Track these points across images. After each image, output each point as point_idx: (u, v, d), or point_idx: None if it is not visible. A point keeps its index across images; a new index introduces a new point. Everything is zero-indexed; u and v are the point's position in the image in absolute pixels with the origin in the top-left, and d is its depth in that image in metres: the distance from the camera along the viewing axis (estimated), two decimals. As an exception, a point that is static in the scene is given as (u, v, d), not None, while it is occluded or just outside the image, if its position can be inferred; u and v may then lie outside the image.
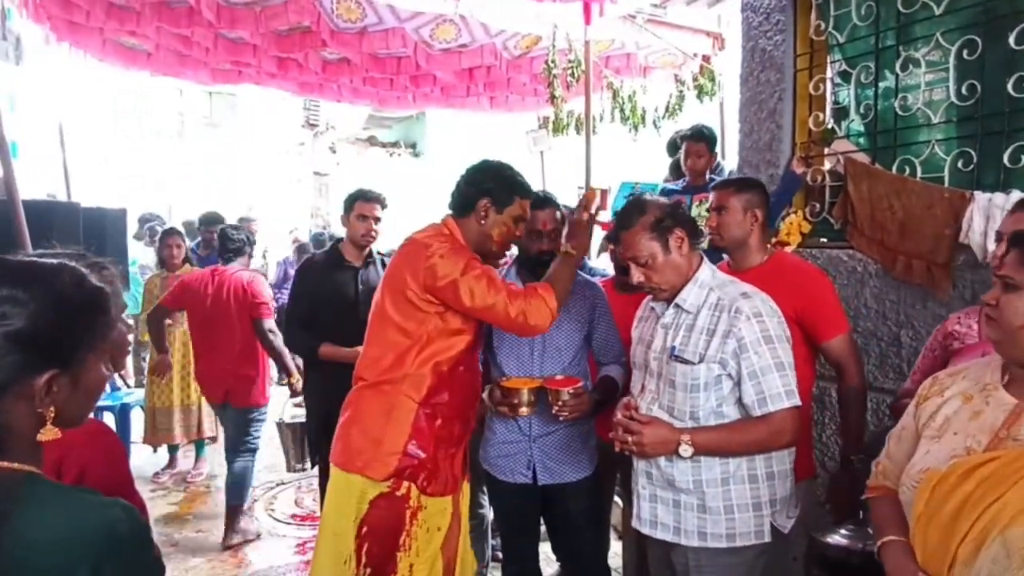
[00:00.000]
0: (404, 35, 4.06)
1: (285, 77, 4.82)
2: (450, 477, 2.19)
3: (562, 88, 4.25)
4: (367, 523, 2.07)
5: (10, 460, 0.93)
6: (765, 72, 3.10)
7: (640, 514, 1.93)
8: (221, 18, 3.79)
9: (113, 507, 0.96)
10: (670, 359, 1.83)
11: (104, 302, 1.04)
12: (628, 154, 5.49)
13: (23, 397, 0.95)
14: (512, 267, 2.47)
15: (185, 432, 4.91)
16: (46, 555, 0.89)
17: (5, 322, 0.92)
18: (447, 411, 2.13)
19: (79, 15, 3.99)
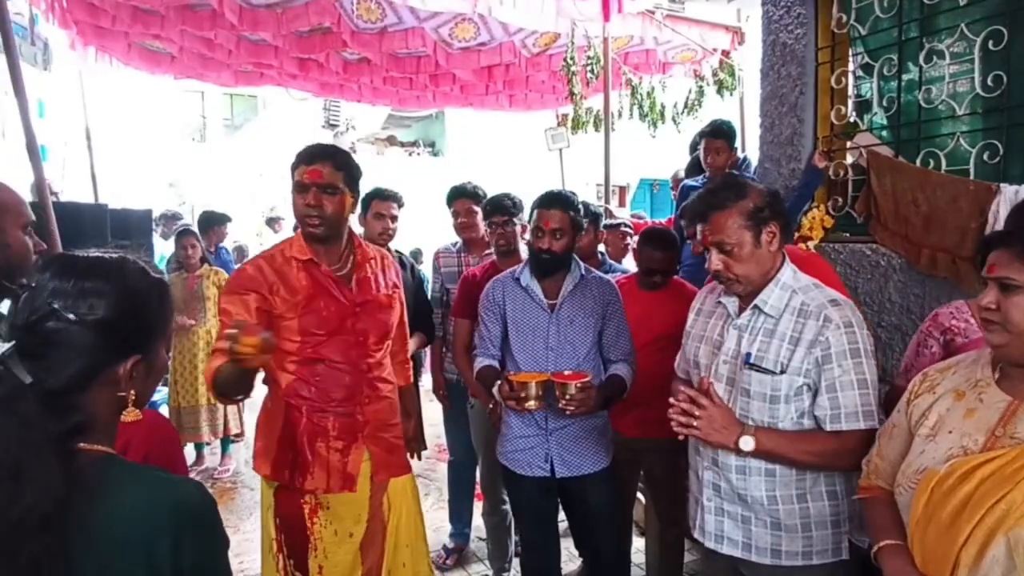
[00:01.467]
0: (423, 34, 4.09)
1: (306, 78, 4.87)
2: (338, 473, 2.12)
3: (581, 85, 4.25)
4: (278, 514, 2.14)
5: (92, 442, 0.99)
6: (786, 66, 3.07)
7: (705, 527, 1.82)
8: (243, 20, 3.84)
9: (186, 483, 1.04)
10: (745, 366, 1.69)
11: (165, 291, 1.11)
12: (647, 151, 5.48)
13: (108, 383, 1.01)
14: (526, 266, 2.45)
15: (212, 430, 4.98)
16: (132, 528, 0.95)
17: (92, 313, 0.98)
18: (315, 405, 2.11)
19: (104, 19, 4.06)
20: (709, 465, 1.79)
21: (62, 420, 0.96)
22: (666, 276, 2.81)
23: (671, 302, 2.60)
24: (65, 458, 0.94)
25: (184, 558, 0.97)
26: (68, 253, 1.07)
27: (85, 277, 1.00)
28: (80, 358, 0.99)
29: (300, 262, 2.11)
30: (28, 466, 0.92)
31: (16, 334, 0.99)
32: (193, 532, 0.98)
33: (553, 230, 2.33)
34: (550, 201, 2.36)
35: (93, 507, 0.94)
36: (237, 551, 3.87)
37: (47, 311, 0.97)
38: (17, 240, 1.54)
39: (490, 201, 3.20)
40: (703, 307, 1.95)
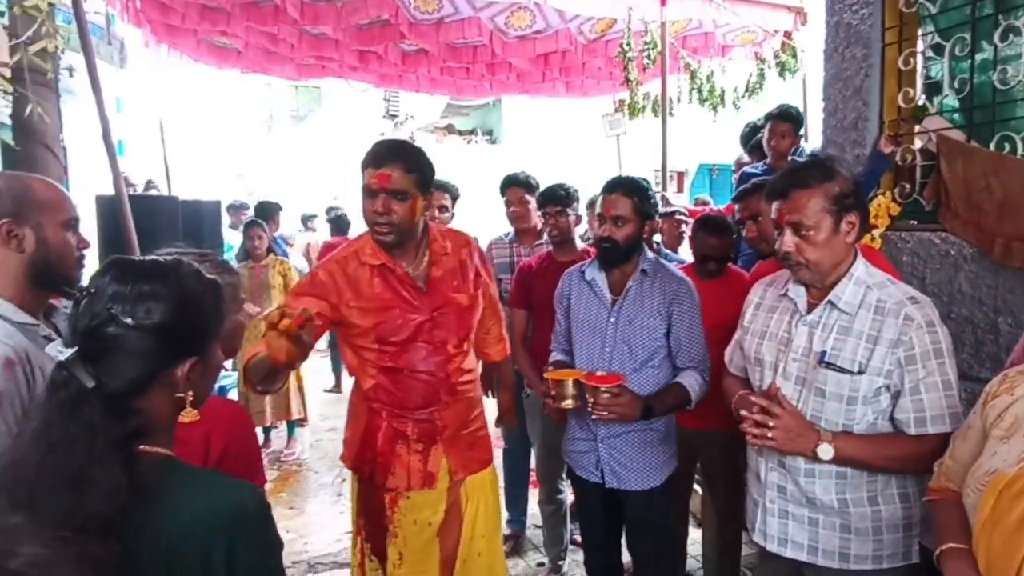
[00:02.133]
0: (480, 24, 4.10)
1: (366, 69, 4.96)
2: (418, 473, 2.12)
3: (637, 71, 4.19)
4: (361, 502, 2.19)
5: (152, 445, 1.01)
6: (851, 47, 2.95)
7: (767, 530, 1.75)
8: (305, 15, 3.94)
9: (242, 488, 1.05)
10: (819, 365, 1.62)
11: (219, 292, 1.12)
12: (707, 135, 5.37)
13: (166, 385, 1.03)
14: (595, 262, 2.34)
15: (275, 413, 5.18)
16: (189, 531, 0.97)
17: (150, 317, 0.99)
18: (394, 411, 2.10)
19: (175, 18, 4.24)
20: (775, 467, 1.72)
21: (123, 423, 0.97)
22: (721, 263, 2.75)
23: (728, 292, 2.48)
24: (127, 461, 0.96)
25: (239, 561, 0.98)
26: (126, 257, 1.08)
27: (142, 282, 1.01)
28: (139, 362, 1.00)
29: (373, 267, 2.03)
30: (91, 470, 0.92)
31: (78, 339, 1.00)
32: (248, 536, 1.00)
33: (615, 217, 2.20)
34: (613, 186, 2.25)
35: (152, 510, 0.96)
36: (302, 532, 4.03)
37: (106, 316, 0.99)
38: (58, 237, 1.52)
39: (544, 191, 3.20)
40: (763, 301, 1.86)
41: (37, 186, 1.53)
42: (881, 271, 1.69)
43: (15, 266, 1.47)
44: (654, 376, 2.21)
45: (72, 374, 0.95)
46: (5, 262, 1.47)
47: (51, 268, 1.50)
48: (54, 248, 1.50)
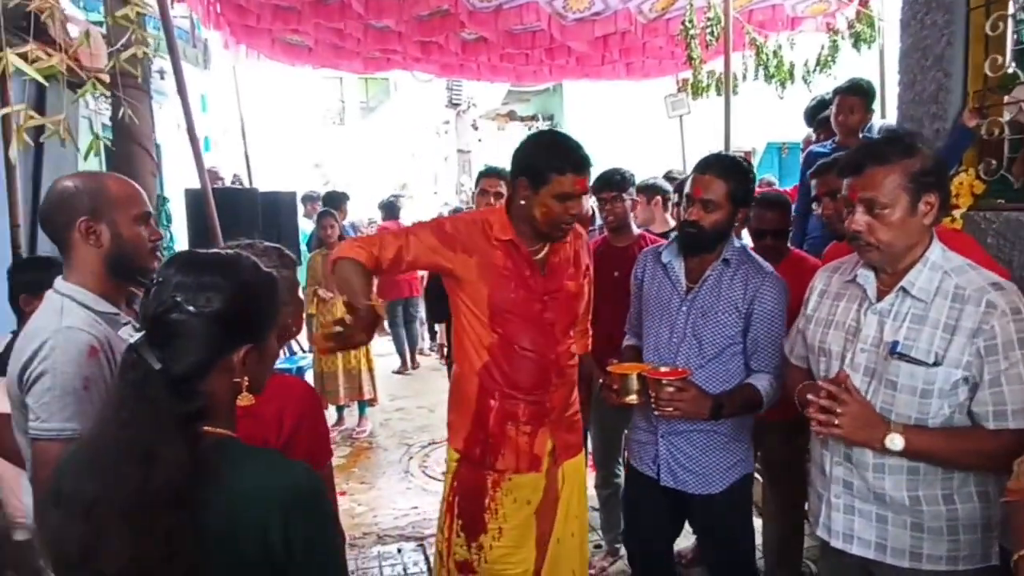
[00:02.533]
0: (538, 9, 4.12)
1: (428, 60, 5.07)
2: (526, 455, 2.15)
3: (700, 48, 4.11)
4: (456, 479, 2.21)
5: (214, 426, 1.09)
6: (931, 13, 2.79)
7: (831, 525, 1.68)
8: (369, 9, 4.07)
9: (297, 467, 1.11)
10: (890, 356, 1.53)
11: (275, 285, 1.19)
12: (775, 113, 5.21)
13: (225, 370, 1.09)
14: (674, 240, 2.21)
15: (348, 393, 5.42)
16: (250, 506, 1.03)
17: (210, 305, 1.07)
18: (505, 391, 2.12)
19: (251, 19, 4.46)
20: (840, 460, 1.64)
21: (186, 403, 1.04)
22: (778, 238, 2.65)
23: (789, 277, 2.26)
24: (191, 440, 1.03)
25: (295, 535, 1.04)
26: (190, 250, 1.17)
27: (204, 273, 1.09)
28: (199, 347, 1.06)
29: (501, 241, 2.07)
30: (160, 446, 0.99)
31: (146, 324, 1.08)
32: (302, 513, 1.05)
33: (704, 200, 2.01)
34: (706, 164, 2.05)
35: (216, 486, 1.02)
36: (372, 505, 4.22)
37: (171, 304, 1.06)
38: (131, 232, 1.61)
39: (599, 177, 3.18)
40: (828, 288, 1.77)
41: (111, 184, 1.63)
42: (960, 256, 1.58)
43: (95, 260, 1.58)
44: (721, 373, 2.08)
45: (141, 356, 1.04)
46: (86, 257, 1.58)
47: (126, 260, 1.60)
48: (128, 242, 1.60)
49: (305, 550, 1.05)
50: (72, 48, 2.61)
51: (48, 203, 1.62)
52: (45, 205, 1.63)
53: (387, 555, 3.59)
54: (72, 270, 1.60)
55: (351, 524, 3.93)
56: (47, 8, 2.39)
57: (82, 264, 1.59)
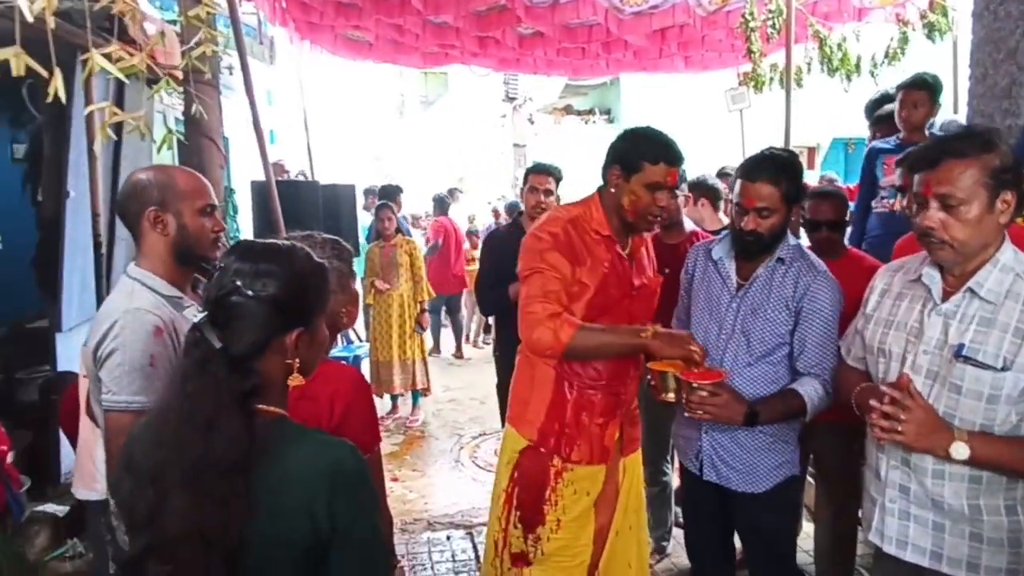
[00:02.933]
0: (595, 3, 4.11)
1: (485, 55, 5.12)
2: (598, 446, 2.17)
3: (761, 41, 4.02)
4: (517, 470, 2.22)
5: (268, 404, 1.17)
6: (1005, 4, 2.67)
7: (884, 530, 1.64)
8: (427, 5, 4.14)
9: (343, 447, 1.17)
10: (955, 359, 1.48)
11: (325, 274, 1.27)
12: (841, 107, 5.04)
13: (278, 351, 1.17)
14: (725, 237, 2.18)
15: (403, 383, 5.56)
16: (300, 482, 1.10)
17: (266, 290, 1.15)
18: (585, 381, 2.14)
19: (315, 16, 4.60)
20: (898, 464, 1.60)
21: (243, 380, 1.11)
22: (834, 229, 2.58)
23: (846, 276, 2.18)
24: (247, 414, 1.10)
25: (339, 511, 1.10)
26: (250, 240, 1.26)
27: (261, 260, 1.17)
28: (256, 328, 1.14)
29: (602, 236, 2.09)
30: (219, 418, 1.07)
31: (208, 306, 1.16)
32: (347, 489, 1.12)
33: (758, 209, 1.95)
34: (754, 170, 1.98)
35: (267, 460, 1.10)
36: (423, 493, 4.33)
37: (231, 288, 1.14)
38: (194, 222, 1.72)
39: None
40: (890, 287, 1.72)
41: (179, 177, 1.74)
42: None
43: (162, 247, 1.70)
44: (770, 374, 2.03)
45: (203, 335, 1.12)
46: (155, 244, 1.71)
47: (190, 248, 1.72)
48: (192, 231, 1.71)
49: (348, 526, 1.11)
50: (149, 47, 2.76)
51: (123, 194, 1.74)
52: (121, 195, 1.76)
53: (436, 541, 3.69)
54: (142, 256, 1.72)
55: (402, 510, 4.05)
56: (129, 10, 2.53)
57: (151, 251, 1.71)
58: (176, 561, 1.06)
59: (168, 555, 1.06)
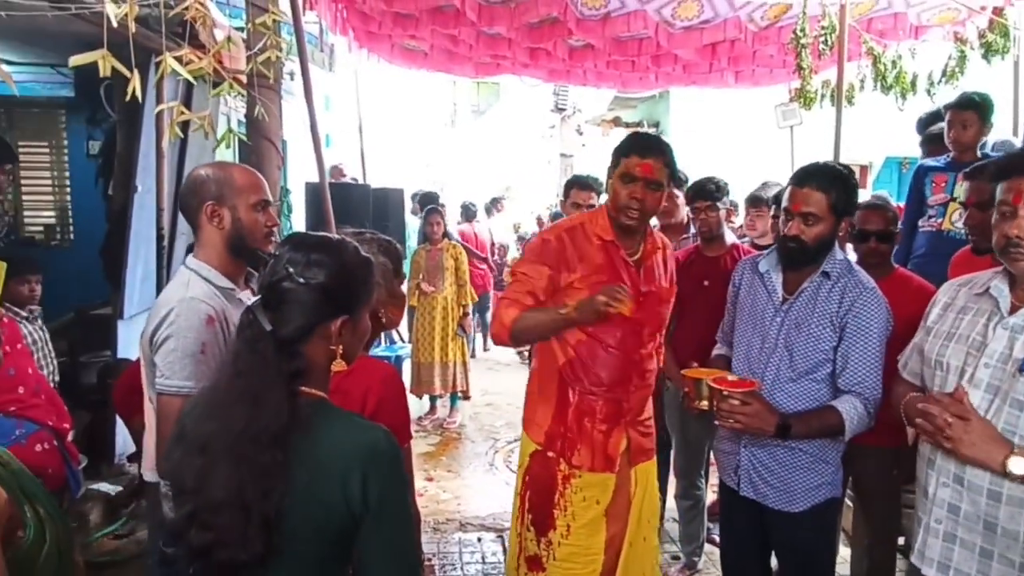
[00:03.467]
0: (645, 17, 4.15)
1: (536, 66, 5.20)
2: (600, 453, 2.19)
3: (811, 58, 3.99)
4: (528, 473, 2.28)
5: (311, 387, 1.24)
6: (1066, 24, 2.63)
7: (926, 551, 1.57)
8: (482, 17, 4.24)
9: (378, 430, 1.23)
10: (1020, 373, 1.45)
11: (372, 268, 1.35)
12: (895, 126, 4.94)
13: (323, 337, 1.24)
14: (773, 250, 2.16)
15: (443, 385, 5.66)
16: (335, 460, 1.17)
17: (315, 278, 1.23)
18: (586, 386, 2.17)
19: (374, 25, 4.75)
20: (949, 481, 1.53)
21: (289, 362, 1.19)
22: (881, 241, 2.54)
23: (894, 295, 2.11)
24: (290, 393, 1.17)
25: (371, 488, 1.16)
26: (303, 232, 1.34)
27: (313, 250, 1.24)
28: (304, 313, 1.21)
29: (602, 241, 2.17)
30: (265, 394, 1.15)
31: (261, 291, 1.25)
32: (379, 470, 1.18)
33: (804, 214, 1.94)
34: (805, 176, 1.98)
35: (307, 437, 1.17)
36: (457, 494, 4.39)
37: (284, 274, 1.21)
38: (248, 216, 1.79)
39: (693, 186, 3.19)
40: (953, 301, 1.68)
41: (236, 173, 1.82)
42: None
43: (218, 240, 1.79)
44: (812, 391, 1.99)
45: (255, 317, 1.21)
46: (211, 236, 1.79)
47: (244, 241, 1.79)
48: (246, 226, 1.79)
49: (380, 504, 1.17)
50: (215, 50, 2.92)
51: (185, 188, 1.83)
52: (183, 190, 1.84)
53: (467, 543, 3.74)
54: (200, 248, 1.81)
55: (436, 509, 4.12)
56: (200, 16, 2.69)
57: (207, 243, 1.79)
58: (217, 528, 1.12)
59: (210, 522, 1.12)
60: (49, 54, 4.35)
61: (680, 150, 5.06)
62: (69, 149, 5.48)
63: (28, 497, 1.06)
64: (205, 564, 1.14)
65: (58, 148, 5.51)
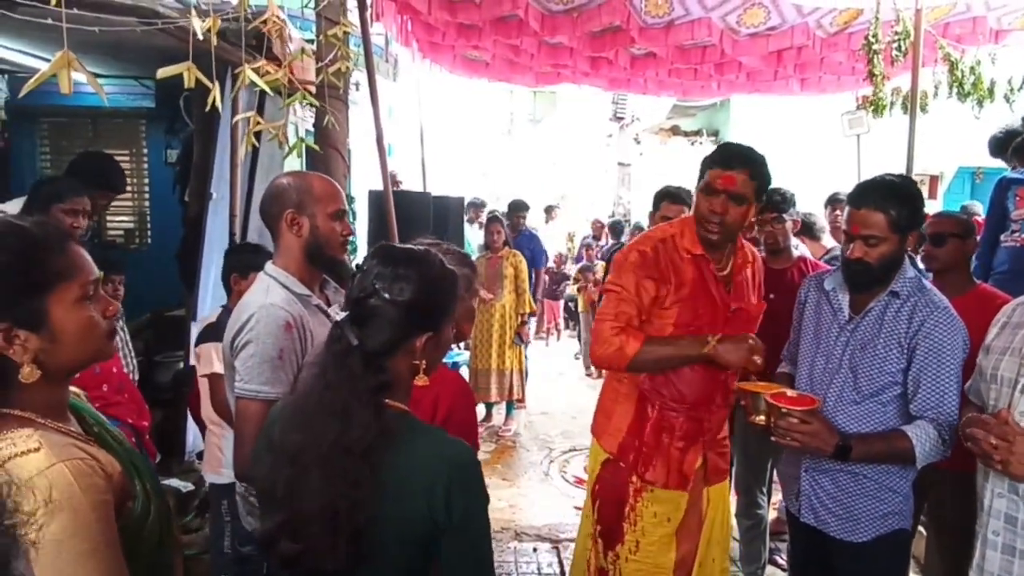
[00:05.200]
0: (710, 24, 4.10)
1: (597, 75, 5.20)
2: (675, 471, 2.15)
3: (883, 64, 3.87)
4: (599, 482, 2.26)
5: (395, 400, 1.26)
6: None
7: (985, 565, 1.56)
8: (544, 26, 4.27)
9: (460, 443, 1.26)
10: None
11: (456, 281, 1.36)
12: (970, 134, 4.74)
13: (408, 352, 1.27)
14: (838, 272, 2.09)
15: (499, 392, 5.69)
16: (420, 472, 1.19)
17: (401, 295, 1.24)
18: (667, 402, 2.14)
19: (437, 36, 4.84)
20: (1005, 492, 1.54)
21: (376, 377, 1.21)
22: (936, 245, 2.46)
23: (975, 313, 2.02)
24: (377, 407, 1.21)
25: (455, 501, 1.18)
26: (390, 244, 1.34)
27: (400, 266, 1.25)
28: (390, 330, 1.23)
29: (691, 255, 2.13)
30: (353, 407, 1.18)
31: (349, 306, 1.26)
32: (462, 481, 1.20)
33: (864, 237, 1.88)
34: (861, 196, 1.90)
35: (393, 450, 1.19)
36: (512, 502, 4.39)
37: (372, 290, 1.23)
38: (326, 225, 1.82)
39: None
40: (1011, 319, 1.68)
41: (315, 183, 1.86)
42: None
43: (296, 247, 1.82)
44: (877, 414, 1.92)
45: (344, 332, 1.23)
46: (290, 244, 1.83)
47: (320, 249, 1.83)
48: (323, 234, 1.82)
49: (463, 516, 1.19)
50: (289, 61, 3.03)
51: (266, 197, 1.87)
52: (264, 198, 1.88)
53: (523, 552, 3.74)
54: (279, 255, 1.85)
55: (491, 518, 4.13)
56: (278, 29, 2.80)
57: (286, 250, 1.83)
58: (306, 538, 1.15)
59: (301, 532, 1.16)
60: (132, 67, 4.59)
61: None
62: (149, 157, 5.75)
63: (137, 473, 1.13)
64: (293, 571, 1.18)
65: (138, 156, 5.80)
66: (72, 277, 1.06)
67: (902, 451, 1.80)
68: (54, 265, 1.04)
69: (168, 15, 2.91)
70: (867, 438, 1.87)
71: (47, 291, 1.03)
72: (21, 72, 4.45)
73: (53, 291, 1.03)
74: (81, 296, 1.06)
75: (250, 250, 2.87)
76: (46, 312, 1.02)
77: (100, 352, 1.12)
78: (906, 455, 1.80)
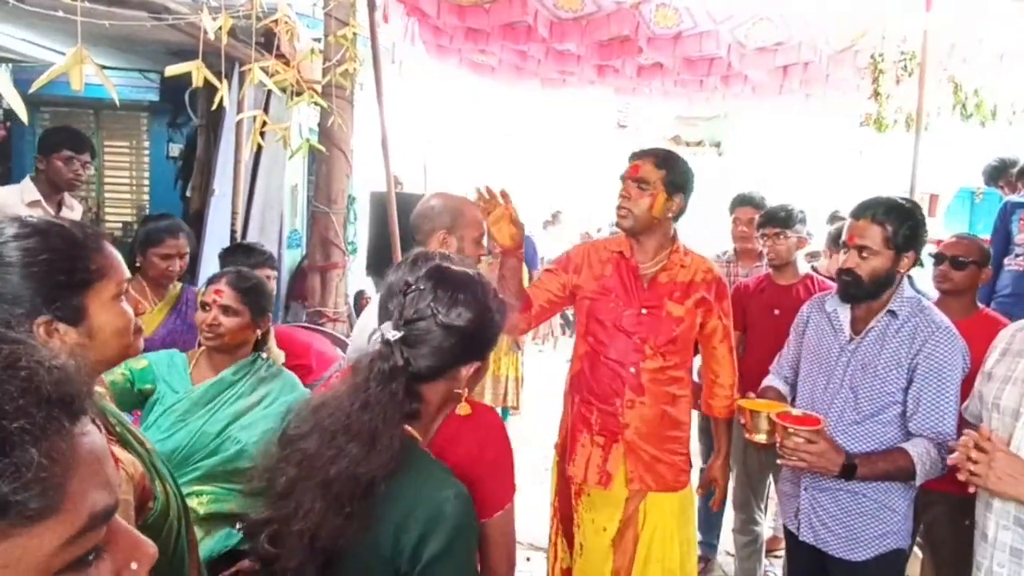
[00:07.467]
0: (718, 37, 4.11)
1: (603, 82, 5.21)
2: (596, 467, 2.20)
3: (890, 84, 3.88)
4: (557, 481, 2.42)
5: (414, 427, 1.21)
6: None
7: None
8: (553, 33, 4.28)
9: (448, 491, 1.14)
10: None
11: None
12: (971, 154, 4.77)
13: (452, 379, 1.23)
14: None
15: (493, 398, 5.65)
16: (403, 507, 1.13)
17: (457, 321, 1.19)
18: (584, 395, 2.25)
19: (444, 39, 4.84)
20: (1009, 524, 1.54)
21: (410, 402, 1.17)
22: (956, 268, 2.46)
23: (976, 337, 2.02)
24: (399, 435, 1.15)
25: (423, 549, 1.11)
26: (445, 266, 1.27)
27: (457, 291, 1.21)
28: (441, 355, 1.19)
29: (613, 254, 2.26)
30: (383, 435, 1.12)
31: (403, 326, 1.19)
32: (438, 534, 1.11)
33: (859, 247, 1.91)
34: (862, 209, 1.94)
35: (394, 481, 1.12)
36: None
37: (428, 314, 1.18)
38: (471, 248, 1.98)
39: (764, 212, 3.16)
40: (1011, 346, 1.68)
41: (467, 208, 2.00)
42: None
43: None
44: (878, 433, 1.94)
45: (393, 351, 1.18)
46: None
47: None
48: (467, 255, 1.93)
49: (427, 567, 1.11)
50: (298, 61, 3.03)
51: (418, 214, 2.00)
52: (416, 215, 2.02)
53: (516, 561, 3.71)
54: None
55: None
56: (289, 28, 2.80)
57: None
58: (282, 547, 1.12)
59: (278, 539, 1.12)
60: (139, 60, 4.58)
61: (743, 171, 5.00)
62: (150, 150, 5.73)
63: (158, 473, 1.13)
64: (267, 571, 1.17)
65: (139, 149, 5.77)
66: (109, 275, 1.08)
67: (904, 468, 1.83)
68: (93, 263, 1.06)
69: (178, 11, 2.91)
70: (871, 456, 1.88)
71: (86, 288, 1.05)
72: (25, 61, 4.43)
73: (91, 288, 1.05)
74: (116, 294, 1.09)
75: (243, 251, 2.89)
76: (85, 308, 1.04)
77: (130, 348, 1.13)
78: (908, 472, 1.83)
